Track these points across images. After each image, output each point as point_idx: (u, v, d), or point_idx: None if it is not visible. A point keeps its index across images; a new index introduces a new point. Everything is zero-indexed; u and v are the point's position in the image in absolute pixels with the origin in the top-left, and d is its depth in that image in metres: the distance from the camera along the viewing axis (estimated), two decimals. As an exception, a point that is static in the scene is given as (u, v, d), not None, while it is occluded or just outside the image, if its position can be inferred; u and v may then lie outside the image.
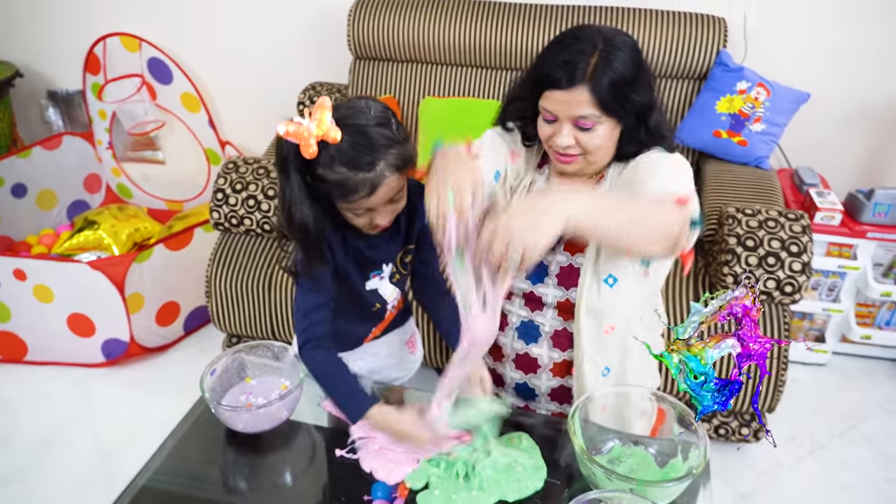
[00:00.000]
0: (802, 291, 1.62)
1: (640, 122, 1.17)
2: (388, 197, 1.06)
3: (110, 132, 3.00)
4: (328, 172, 1.00)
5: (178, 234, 2.27)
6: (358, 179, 1.00)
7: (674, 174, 1.16)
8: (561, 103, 1.13)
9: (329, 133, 0.97)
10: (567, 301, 1.26)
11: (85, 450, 1.98)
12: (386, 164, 1.01)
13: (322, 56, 2.63)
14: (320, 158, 0.99)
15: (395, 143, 1.02)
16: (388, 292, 1.29)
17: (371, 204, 1.05)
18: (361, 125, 1.00)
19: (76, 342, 2.22)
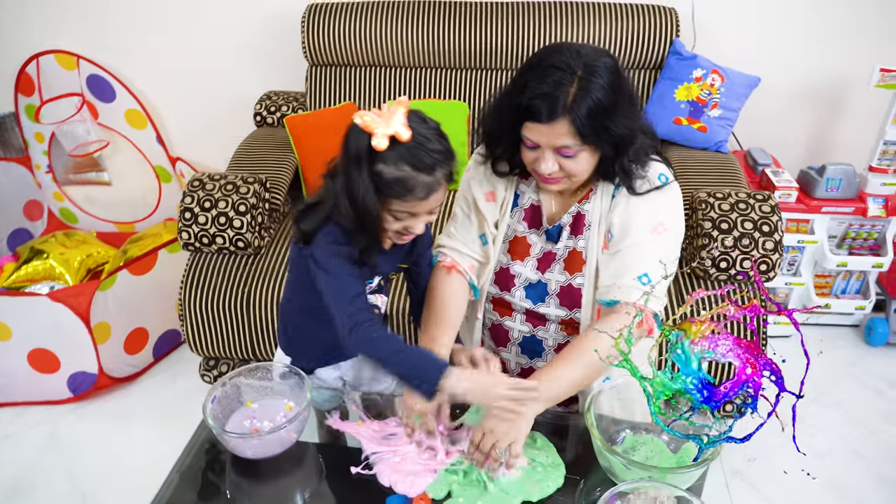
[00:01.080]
0: (777, 269, 1.69)
1: (618, 153, 1.15)
2: (434, 206, 1.10)
3: (49, 155, 2.86)
4: (391, 168, 1.03)
5: (142, 257, 2.18)
6: (419, 180, 1.04)
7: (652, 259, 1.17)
8: (542, 135, 1.12)
9: (401, 131, 1.01)
10: (572, 319, 1.27)
11: (61, 493, 1.88)
12: (442, 173, 1.06)
13: (275, 64, 2.57)
14: (387, 154, 1.02)
15: (449, 157, 1.08)
16: (379, 301, 1.29)
17: (420, 208, 1.08)
18: (424, 133, 1.04)
19: (39, 379, 2.11)
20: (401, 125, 1.01)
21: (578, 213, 1.25)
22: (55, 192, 2.94)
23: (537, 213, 1.29)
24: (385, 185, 1.05)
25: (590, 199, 1.25)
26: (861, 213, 2.18)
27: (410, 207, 1.08)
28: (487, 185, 1.30)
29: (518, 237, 1.30)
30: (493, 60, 2.26)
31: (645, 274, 1.17)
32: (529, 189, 1.30)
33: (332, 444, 1.23)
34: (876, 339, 2.30)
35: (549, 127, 1.10)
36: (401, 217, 1.10)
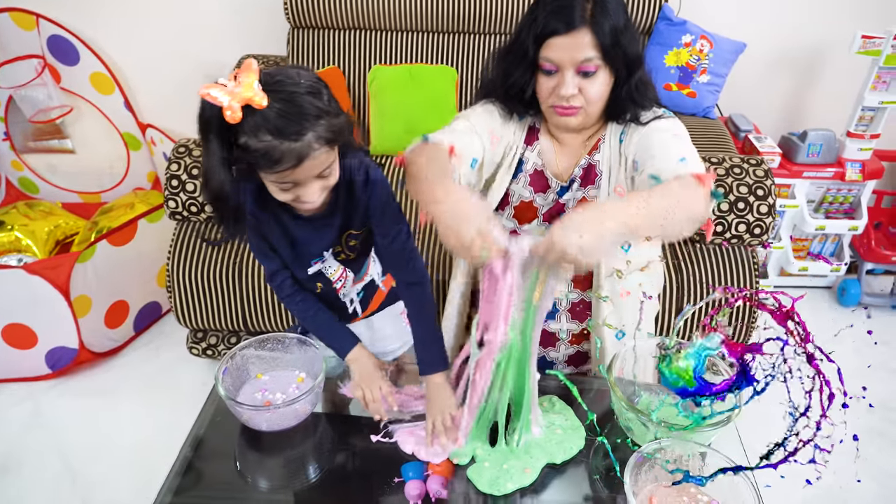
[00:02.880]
0: (770, 232, 1.73)
1: (630, 75, 1.18)
2: (317, 171, 0.99)
3: (6, 121, 2.70)
4: (252, 140, 0.92)
5: (121, 227, 2.09)
6: (283, 149, 0.93)
7: (684, 148, 1.15)
8: (564, 49, 1.13)
9: (255, 98, 0.90)
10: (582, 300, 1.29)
11: (48, 470, 1.81)
12: (315, 136, 0.94)
13: (254, 26, 2.47)
14: (244, 125, 0.91)
15: (325, 115, 0.95)
16: (332, 270, 1.24)
17: (297, 177, 0.98)
18: (290, 92, 0.93)
19: (15, 355, 2.01)
20: (253, 91, 0.90)
21: (589, 165, 1.26)
22: (13, 161, 2.79)
23: (541, 177, 1.29)
24: (251, 157, 0.94)
25: (599, 149, 1.26)
26: (839, 177, 2.24)
27: (285, 178, 0.98)
28: (493, 127, 1.27)
29: (524, 202, 1.30)
30: (483, 24, 2.22)
31: (683, 158, 1.11)
32: (533, 154, 1.30)
33: (343, 414, 1.22)
34: (848, 300, 2.39)
35: (570, 38, 1.12)
36: (284, 187, 1.01)
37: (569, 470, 1.08)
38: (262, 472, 1.11)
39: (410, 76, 2.19)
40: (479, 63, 2.25)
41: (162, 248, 1.98)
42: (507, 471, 1.07)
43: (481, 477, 1.06)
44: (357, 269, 1.27)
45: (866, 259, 2.38)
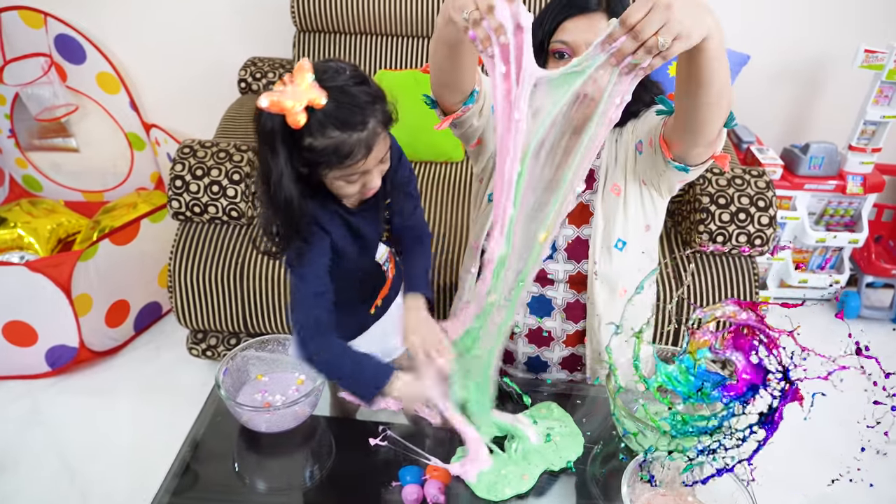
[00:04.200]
0: (770, 243, 1.74)
1: None
2: (381, 156, 1.02)
3: (11, 118, 2.71)
4: (320, 139, 0.93)
5: (124, 227, 2.10)
6: (353, 141, 0.95)
7: None
8: (579, 30, 1.14)
9: (317, 98, 0.91)
10: (578, 273, 1.28)
11: (46, 468, 1.81)
12: (376, 122, 0.97)
13: (261, 29, 2.48)
14: (309, 126, 0.92)
15: (377, 100, 0.98)
16: (380, 253, 1.26)
17: (367, 166, 1.00)
18: (341, 86, 0.94)
19: (14, 353, 2.02)
20: (313, 91, 0.91)
21: (590, 170, 1.27)
22: (18, 158, 2.80)
23: None
24: (321, 157, 0.95)
25: (599, 155, 1.27)
26: (840, 190, 2.25)
27: (356, 170, 0.99)
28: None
29: None
30: None
31: None
32: None
33: (344, 417, 1.22)
34: (848, 313, 2.40)
35: (586, 20, 1.13)
36: (353, 180, 1.02)
37: (566, 477, 1.08)
38: (260, 474, 1.12)
39: (416, 82, 2.20)
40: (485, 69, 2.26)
41: (164, 248, 1.99)
42: (504, 476, 1.07)
43: (479, 482, 1.06)
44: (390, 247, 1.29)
45: (866, 272, 2.38)
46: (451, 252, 1.86)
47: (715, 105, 0.99)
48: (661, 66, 0.83)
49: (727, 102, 1.01)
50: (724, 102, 1.00)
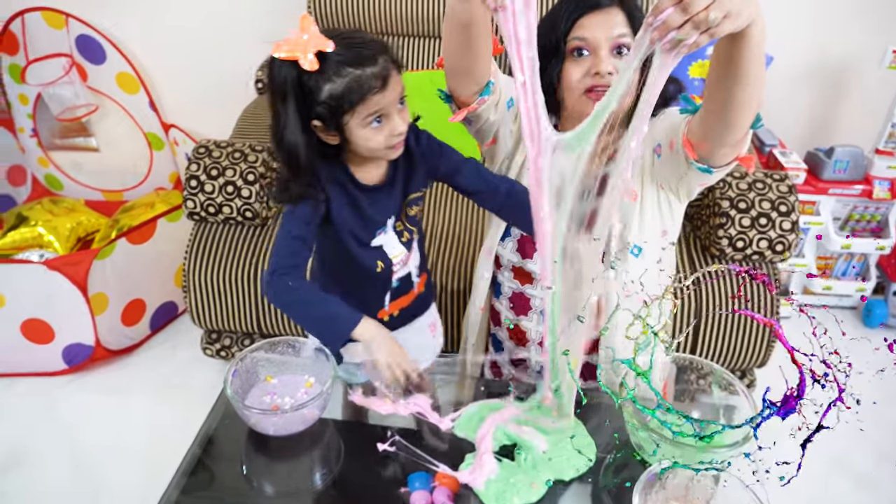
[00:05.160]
0: (792, 249, 1.69)
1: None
2: (398, 95, 1.05)
3: (34, 118, 2.74)
4: (336, 80, 0.98)
5: (141, 226, 2.11)
6: (368, 74, 0.99)
7: None
8: (597, 26, 1.13)
9: (323, 45, 0.97)
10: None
11: (58, 465, 1.83)
12: (386, 58, 1.02)
13: (278, 29, 2.45)
14: (325, 70, 0.98)
15: (381, 45, 1.04)
16: (394, 250, 1.24)
17: (385, 102, 1.02)
18: (344, 34, 1.01)
19: (32, 350, 2.04)
20: (320, 38, 0.97)
21: (604, 175, 1.25)
22: (40, 158, 2.83)
23: None
24: (341, 99, 1.00)
25: (614, 159, 1.24)
26: (867, 195, 2.19)
27: (377, 105, 1.02)
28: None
29: None
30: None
31: None
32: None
33: (355, 421, 1.20)
34: (874, 321, 2.34)
35: (603, 15, 1.12)
36: (376, 125, 1.05)
37: (577, 486, 1.06)
38: (268, 477, 1.11)
39: (432, 83, 2.19)
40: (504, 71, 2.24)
41: (180, 248, 1.99)
42: (513, 485, 1.05)
43: (487, 490, 1.04)
44: (409, 247, 1.27)
45: (894, 279, 2.32)
46: (465, 255, 1.84)
47: (749, 100, 0.95)
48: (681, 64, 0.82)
49: (758, 99, 0.98)
50: (756, 98, 0.97)
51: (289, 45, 0.96)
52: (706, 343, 1.78)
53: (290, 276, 1.12)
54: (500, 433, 1.12)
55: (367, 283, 1.25)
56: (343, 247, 1.18)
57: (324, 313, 1.13)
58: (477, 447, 1.10)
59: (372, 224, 1.19)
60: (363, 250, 1.20)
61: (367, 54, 0.99)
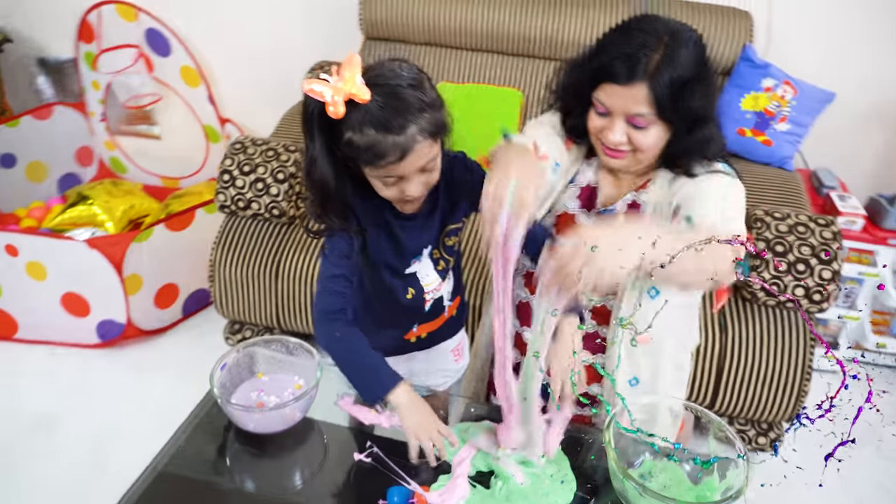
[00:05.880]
0: (831, 300, 1.58)
1: (690, 131, 1.09)
2: (420, 165, 0.98)
3: (104, 104, 2.89)
4: (356, 135, 0.93)
5: (180, 214, 2.18)
6: (388, 143, 0.93)
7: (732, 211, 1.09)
8: (617, 97, 1.06)
9: (357, 92, 0.90)
10: (603, 307, 1.20)
11: (77, 432, 1.91)
12: (418, 129, 0.93)
13: (330, 34, 2.54)
14: (348, 119, 0.92)
15: (428, 108, 0.95)
16: (427, 278, 1.21)
17: (401, 171, 0.97)
18: (393, 86, 0.93)
19: (70, 322, 2.14)
20: (356, 85, 0.90)
21: (634, 202, 1.19)
22: (106, 141, 2.98)
23: (593, 195, 1.23)
24: (356, 153, 0.95)
25: (647, 190, 1.18)
26: (931, 249, 2.03)
27: (390, 172, 0.97)
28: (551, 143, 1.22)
29: (567, 214, 1.24)
30: (554, 50, 2.18)
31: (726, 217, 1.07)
32: (591, 169, 1.24)
33: (344, 426, 1.19)
34: (929, 385, 2.16)
35: (625, 89, 1.04)
36: (388, 182, 1.00)
37: (551, 524, 1.01)
38: (247, 472, 1.10)
39: (475, 96, 2.18)
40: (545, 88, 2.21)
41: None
42: (483, 515, 1.02)
43: (455, 517, 1.01)
44: (444, 275, 1.24)
45: (956, 343, 2.14)
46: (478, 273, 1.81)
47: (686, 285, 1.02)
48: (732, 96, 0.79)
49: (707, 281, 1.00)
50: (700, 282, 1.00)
51: (320, 85, 0.91)
52: (729, 390, 1.69)
53: (337, 323, 1.10)
54: (480, 459, 1.09)
55: (398, 308, 1.23)
56: (378, 275, 1.16)
57: (364, 369, 1.11)
58: (453, 470, 1.07)
59: (407, 253, 1.16)
60: (396, 279, 1.18)
61: (396, 122, 0.92)
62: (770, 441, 1.80)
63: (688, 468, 1.08)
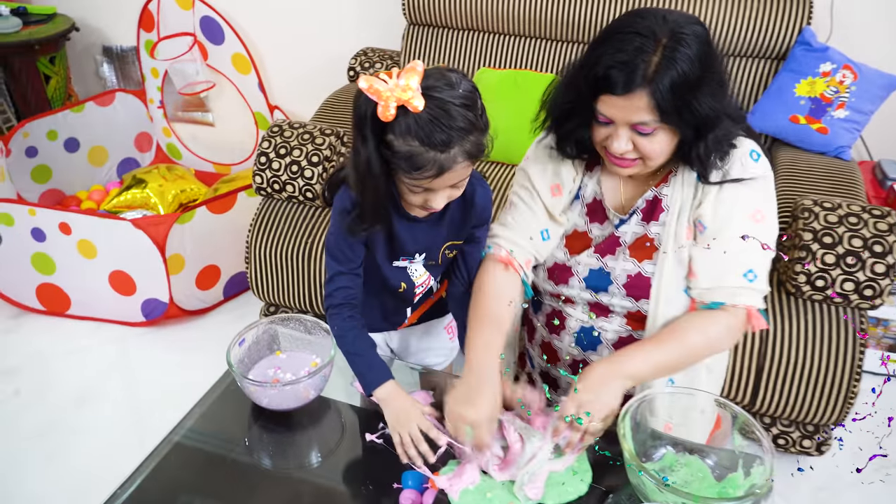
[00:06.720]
0: (884, 296, 1.48)
1: (698, 137, 1.03)
2: (452, 182, 0.99)
3: (162, 91, 2.99)
4: (399, 142, 0.92)
5: (222, 196, 2.23)
6: (428, 157, 0.92)
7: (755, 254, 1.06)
8: (617, 108, 1.00)
9: (412, 100, 0.89)
10: (638, 312, 1.15)
11: (119, 406, 1.98)
12: (460, 149, 0.94)
13: (375, 21, 2.54)
14: (396, 124, 0.91)
15: (474, 129, 0.95)
16: (417, 274, 1.21)
17: (433, 185, 0.98)
18: (446, 101, 0.92)
19: (117, 299, 2.22)
20: (412, 93, 0.89)
21: (655, 198, 1.13)
22: (164, 128, 3.08)
23: (599, 207, 1.18)
24: (394, 157, 0.94)
25: (669, 183, 1.12)
26: None
27: (423, 184, 0.97)
28: (553, 178, 1.18)
29: (578, 232, 1.20)
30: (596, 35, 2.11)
31: (751, 270, 1.06)
32: (592, 181, 1.19)
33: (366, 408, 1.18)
34: None
35: (625, 100, 0.98)
36: (416, 191, 1.00)
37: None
38: (264, 448, 1.11)
39: (515, 81, 2.14)
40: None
41: (251, 221, 2.09)
42: (489, 500, 0.99)
43: (461, 500, 0.99)
44: (437, 274, 1.25)
45: None
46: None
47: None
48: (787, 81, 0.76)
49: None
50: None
51: (378, 85, 0.90)
52: (770, 389, 1.60)
53: (339, 316, 1.15)
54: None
55: (389, 295, 1.24)
56: (372, 256, 1.16)
57: (359, 364, 1.14)
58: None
59: (399, 250, 1.16)
60: (388, 267, 1.18)
61: (440, 138, 0.91)
62: (816, 444, 1.70)
63: (710, 463, 1.03)
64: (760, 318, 1.07)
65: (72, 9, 3.01)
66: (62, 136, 2.77)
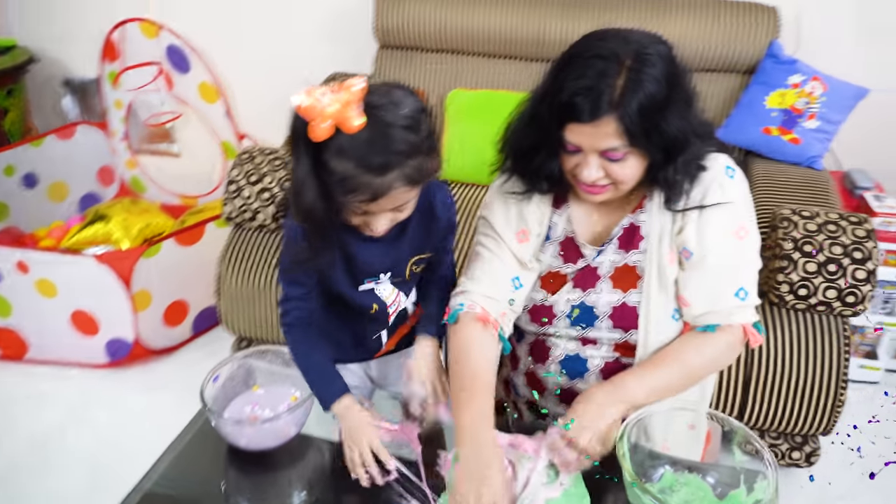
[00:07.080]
0: (866, 302, 1.47)
1: (668, 160, 1.00)
2: (391, 207, 0.94)
3: (126, 122, 2.91)
4: (334, 161, 0.86)
5: (189, 228, 2.16)
6: (363, 181, 0.86)
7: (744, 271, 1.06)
8: (585, 135, 0.96)
9: (347, 121, 0.83)
10: (626, 342, 1.11)
11: (82, 454, 1.87)
12: (400, 174, 0.88)
13: (345, 44, 2.53)
14: (330, 144, 0.85)
15: (416, 153, 0.89)
16: (387, 293, 1.15)
17: (371, 209, 0.93)
18: (387, 122, 0.86)
19: (79, 341, 2.12)
20: (348, 112, 0.83)
21: (632, 225, 1.10)
22: (128, 160, 3.00)
23: (572, 245, 1.14)
24: (329, 178, 0.87)
25: (644, 209, 1.09)
26: (977, 251, 1.90)
27: (359, 208, 0.91)
28: (518, 223, 1.13)
29: (552, 272, 1.16)
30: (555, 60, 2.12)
31: (741, 288, 1.04)
32: (561, 219, 1.14)
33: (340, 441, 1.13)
34: (982, 399, 2.01)
35: (592, 127, 0.94)
36: (356, 212, 0.94)
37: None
38: (240, 493, 1.04)
39: (489, 101, 2.12)
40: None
41: (221, 252, 2.02)
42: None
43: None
44: (407, 291, 1.19)
45: None
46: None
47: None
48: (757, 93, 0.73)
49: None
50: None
51: (312, 101, 0.84)
52: (757, 401, 1.58)
53: (291, 335, 1.13)
54: None
55: (361, 320, 1.18)
56: (334, 284, 1.10)
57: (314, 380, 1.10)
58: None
59: (361, 272, 1.10)
60: (353, 293, 1.12)
61: (377, 161, 0.86)
62: (805, 455, 1.68)
63: (711, 481, 1.00)
64: (756, 334, 1.06)
65: (32, 40, 2.93)
66: (20, 171, 2.67)
